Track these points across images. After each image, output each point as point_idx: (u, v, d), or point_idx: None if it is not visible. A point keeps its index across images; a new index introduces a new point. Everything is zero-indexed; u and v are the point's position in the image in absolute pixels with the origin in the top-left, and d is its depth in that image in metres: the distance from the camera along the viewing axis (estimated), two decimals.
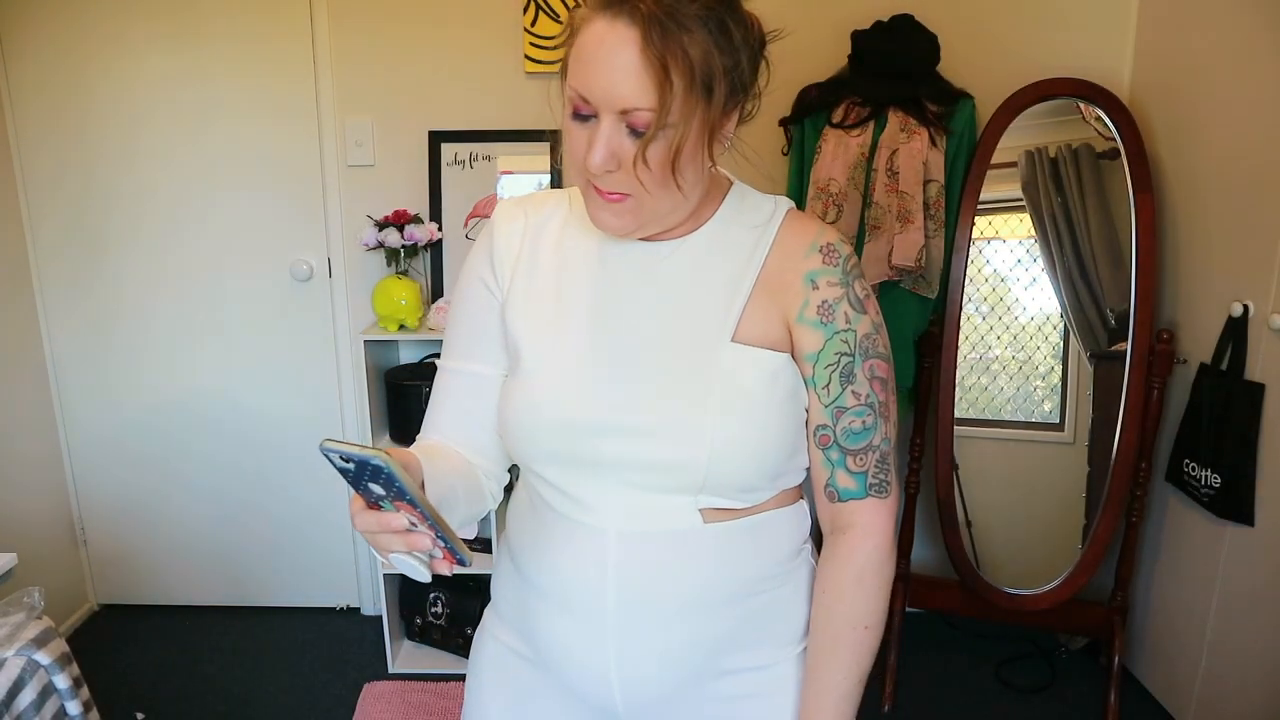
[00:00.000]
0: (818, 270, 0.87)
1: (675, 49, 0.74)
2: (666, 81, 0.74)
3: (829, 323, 0.86)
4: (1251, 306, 1.95)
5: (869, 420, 0.87)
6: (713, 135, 0.81)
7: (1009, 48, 2.40)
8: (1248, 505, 1.94)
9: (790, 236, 0.89)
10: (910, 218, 2.14)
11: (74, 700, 1.58)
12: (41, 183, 2.50)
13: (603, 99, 0.77)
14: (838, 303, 0.87)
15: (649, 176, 0.79)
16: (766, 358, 0.86)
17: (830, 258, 0.87)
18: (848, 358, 0.86)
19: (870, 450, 0.87)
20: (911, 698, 2.36)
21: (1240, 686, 2.01)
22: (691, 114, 0.77)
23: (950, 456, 2.32)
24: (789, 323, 0.88)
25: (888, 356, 0.89)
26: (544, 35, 2.39)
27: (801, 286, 0.87)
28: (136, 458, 2.68)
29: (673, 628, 0.89)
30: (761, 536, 0.91)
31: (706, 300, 0.88)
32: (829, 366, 0.86)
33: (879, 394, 0.87)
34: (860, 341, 0.87)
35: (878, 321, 0.89)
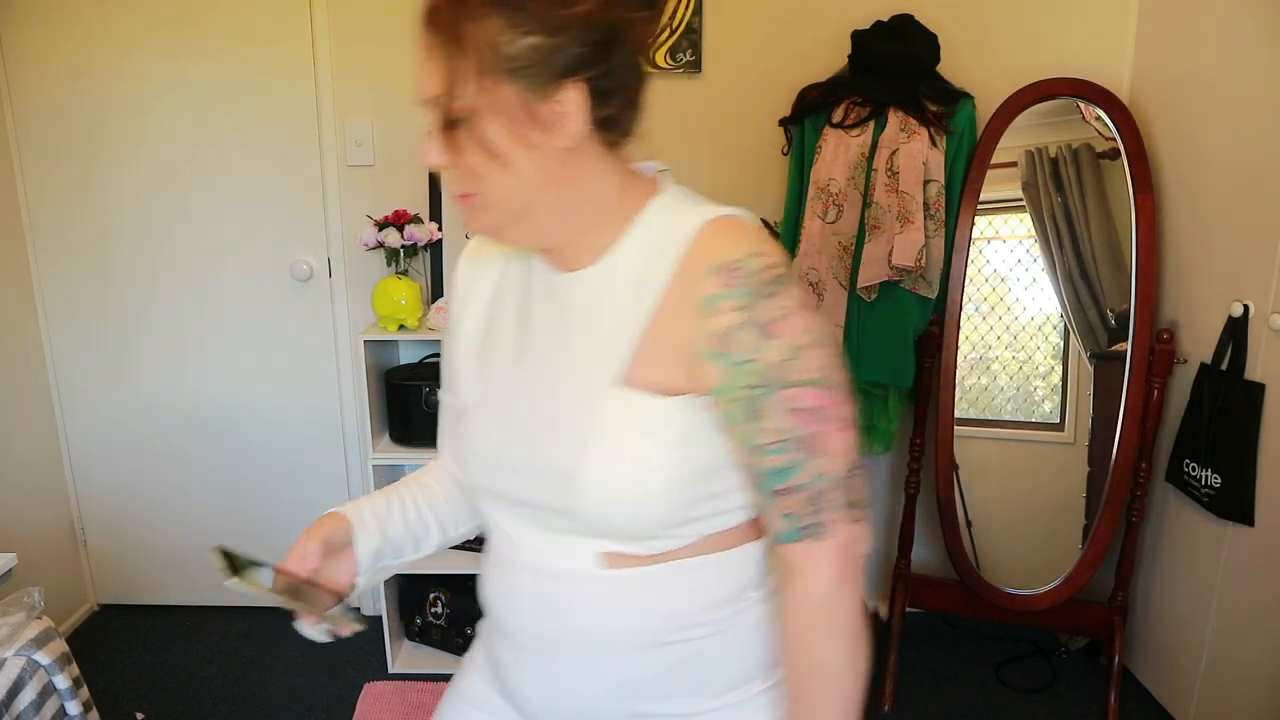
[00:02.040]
0: (714, 294, 0.76)
1: (457, 35, 0.75)
2: (447, 68, 0.75)
3: (727, 353, 0.76)
4: (1251, 306, 1.95)
5: (792, 457, 0.77)
6: (534, 121, 0.76)
7: (1009, 48, 2.40)
8: (1248, 505, 1.94)
9: (695, 257, 0.79)
10: (910, 218, 2.14)
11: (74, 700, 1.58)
12: (41, 183, 2.50)
13: (417, 93, 0.79)
14: (738, 330, 0.76)
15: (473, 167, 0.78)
16: (655, 405, 0.79)
17: (730, 278, 0.76)
18: (755, 390, 0.76)
19: (797, 490, 0.77)
20: (911, 698, 2.36)
21: (1240, 686, 2.01)
22: (489, 99, 0.75)
23: (950, 456, 2.32)
24: (690, 358, 0.79)
25: (819, 380, 0.76)
26: None
27: (698, 315, 0.77)
28: (136, 458, 2.68)
29: (580, 668, 0.87)
30: (679, 584, 0.85)
31: (598, 338, 0.82)
32: (734, 401, 0.77)
33: (804, 426, 0.76)
34: (768, 372, 0.76)
35: (799, 343, 0.76)
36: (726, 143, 2.49)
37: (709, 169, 2.51)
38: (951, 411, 2.31)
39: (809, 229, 2.27)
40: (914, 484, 2.41)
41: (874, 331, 2.26)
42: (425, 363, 2.50)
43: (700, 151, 2.50)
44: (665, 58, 2.42)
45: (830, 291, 2.25)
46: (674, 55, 2.42)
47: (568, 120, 0.77)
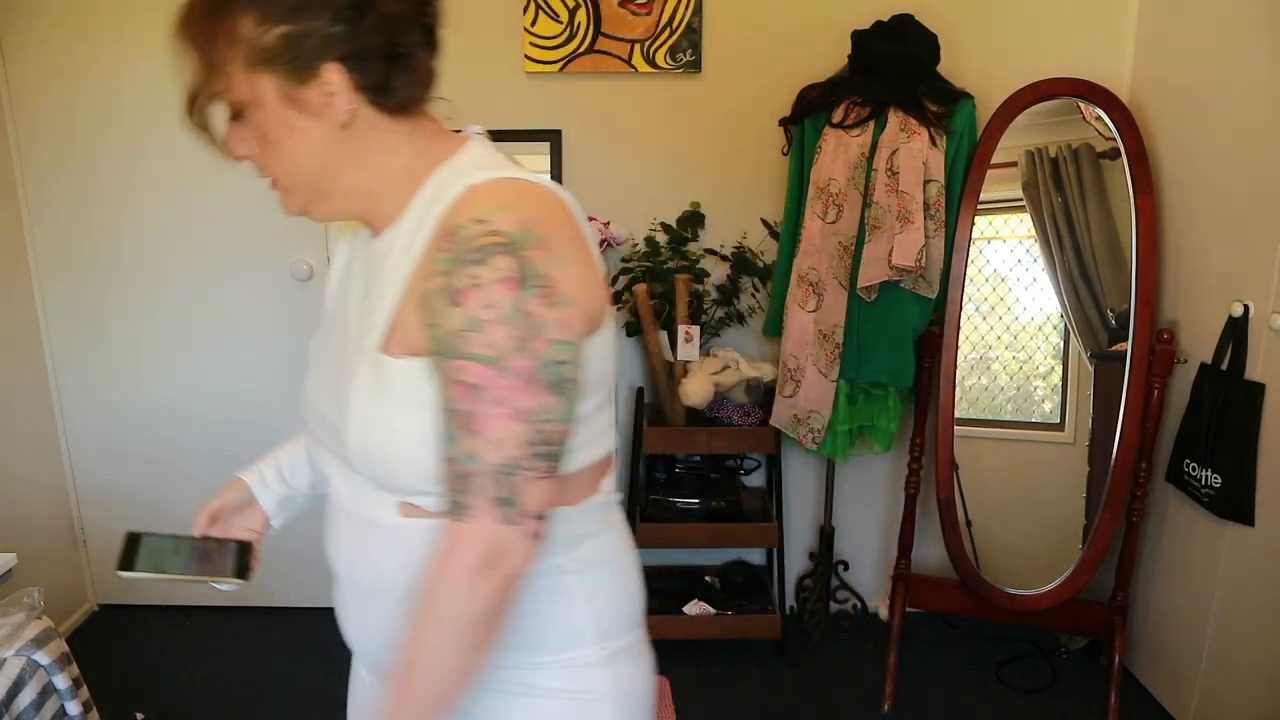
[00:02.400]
0: (435, 258, 0.77)
1: (214, 35, 0.78)
2: (214, 65, 0.79)
3: (425, 317, 0.77)
4: (1251, 306, 1.95)
5: (449, 427, 0.76)
6: (297, 105, 0.80)
7: (1009, 48, 2.40)
8: (1248, 505, 1.94)
9: (442, 221, 0.79)
10: (910, 218, 2.14)
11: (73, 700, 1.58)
12: (41, 183, 2.50)
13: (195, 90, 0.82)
14: (435, 295, 0.76)
15: (252, 153, 0.84)
16: (402, 368, 0.80)
17: (446, 242, 0.76)
18: (435, 356, 0.77)
19: (450, 462, 0.76)
20: (911, 698, 2.36)
21: (1240, 686, 2.01)
22: (251, 88, 0.79)
23: (950, 456, 2.32)
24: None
25: (488, 356, 0.73)
26: (544, 35, 2.39)
27: (423, 279, 0.79)
28: (136, 458, 2.68)
29: (386, 614, 0.89)
30: None
31: (374, 301, 0.85)
32: (430, 364, 0.78)
33: (462, 401, 0.74)
34: (444, 339, 0.75)
35: (482, 316, 0.73)
36: (726, 143, 2.49)
37: (709, 169, 2.51)
38: (951, 411, 2.31)
39: (809, 229, 2.27)
40: (914, 484, 2.41)
41: (874, 331, 2.26)
42: None
43: (700, 151, 2.50)
44: (665, 58, 2.42)
45: (830, 291, 2.25)
46: (674, 55, 2.42)
47: (335, 99, 0.80)
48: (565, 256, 0.78)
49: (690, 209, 2.51)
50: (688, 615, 2.50)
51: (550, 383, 0.76)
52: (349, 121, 0.82)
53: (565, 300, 0.77)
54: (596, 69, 2.42)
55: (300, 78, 0.79)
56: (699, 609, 2.52)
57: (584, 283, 0.80)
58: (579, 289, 0.79)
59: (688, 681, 2.43)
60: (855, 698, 2.36)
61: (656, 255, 2.44)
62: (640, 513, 2.51)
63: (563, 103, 2.46)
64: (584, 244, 0.83)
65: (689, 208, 2.51)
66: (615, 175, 2.51)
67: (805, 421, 2.32)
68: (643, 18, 2.39)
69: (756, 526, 2.47)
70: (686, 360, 2.40)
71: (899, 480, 2.56)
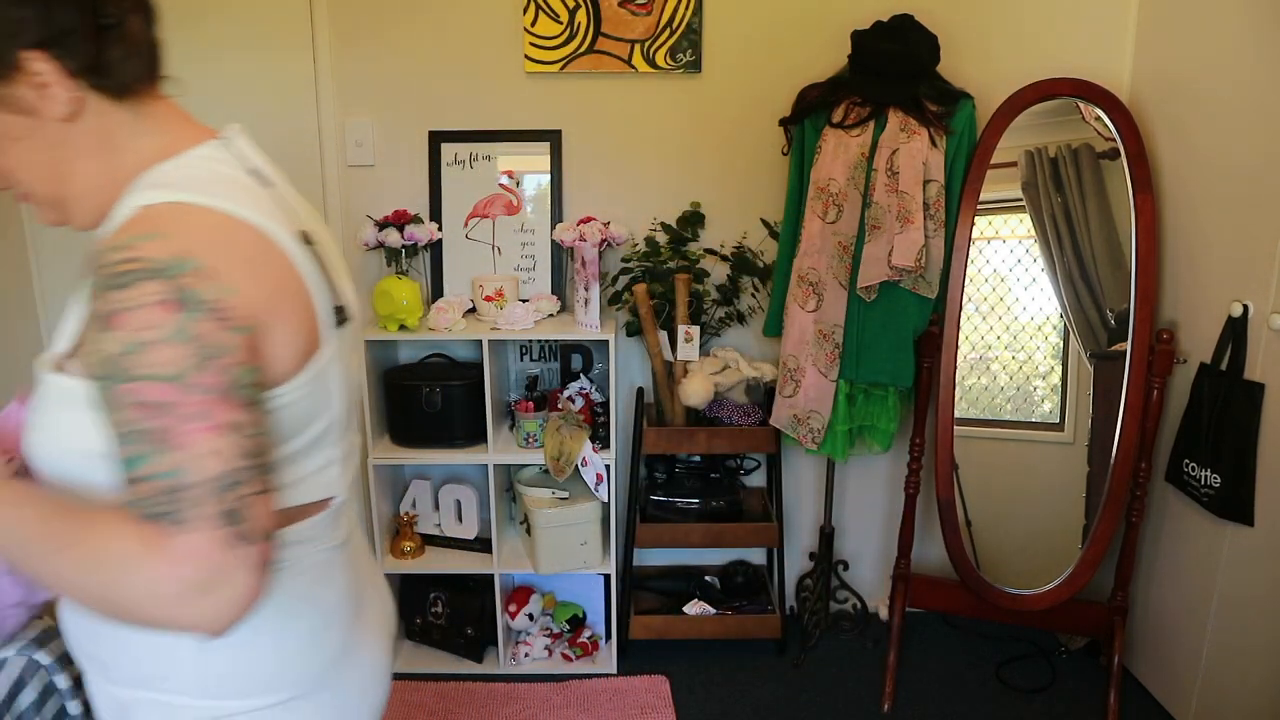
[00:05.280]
0: (85, 285, 0.73)
1: None
2: None
3: (82, 346, 0.74)
4: (1251, 306, 1.95)
5: (137, 449, 0.69)
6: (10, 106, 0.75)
7: (1009, 48, 2.40)
8: (1247, 505, 1.94)
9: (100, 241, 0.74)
10: (910, 218, 2.14)
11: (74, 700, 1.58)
12: None
13: None
14: (90, 320, 0.71)
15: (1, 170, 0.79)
16: (68, 386, 0.76)
17: (92, 267, 0.72)
18: (101, 382, 0.70)
19: (147, 479, 0.69)
20: (911, 698, 2.36)
21: (1240, 686, 2.01)
22: None
23: (950, 456, 2.32)
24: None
25: (166, 375, 0.69)
26: (544, 35, 2.39)
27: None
28: None
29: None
30: None
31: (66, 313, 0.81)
32: (94, 392, 0.72)
33: (150, 420, 0.69)
34: (106, 364, 0.70)
35: (143, 339, 0.68)
36: (726, 143, 2.50)
37: (709, 169, 2.51)
38: (951, 411, 2.31)
39: (809, 229, 2.27)
40: (914, 484, 2.42)
41: (874, 331, 2.26)
42: (426, 363, 2.50)
43: (700, 151, 2.51)
44: (665, 58, 2.42)
45: (830, 291, 2.25)
46: (674, 55, 2.42)
47: (51, 90, 0.74)
48: (239, 288, 0.73)
49: (690, 209, 2.51)
50: (688, 615, 2.50)
51: (245, 401, 0.72)
52: (77, 112, 0.76)
53: (245, 328, 0.72)
54: (596, 69, 2.42)
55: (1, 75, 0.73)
56: (699, 609, 2.52)
57: (273, 314, 0.75)
58: (265, 319, 0.74)
59: (688, 681, 2.43)
60: (855, 698, 2.36)
61: (656, 255, 2.44)
62: (640, 513, 2.51)
63: (563, 103, 2.46)
64: (280, 277, 0.77)
65: (689, 208, 2.51)
66: (615, 175, 2.52)
67: (805, 421, 2.32)
68: (643, 18, 2.39)
69: (756, 526, 2.47)
70: (686, 360, 2.40)
71: (899, 480, 2.56)
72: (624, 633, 2.49)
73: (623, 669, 2.47)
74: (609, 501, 2.36)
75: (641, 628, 2.47)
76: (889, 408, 2.35)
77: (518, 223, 2.51)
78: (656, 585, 2.66)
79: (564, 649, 2.51)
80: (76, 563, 0.71)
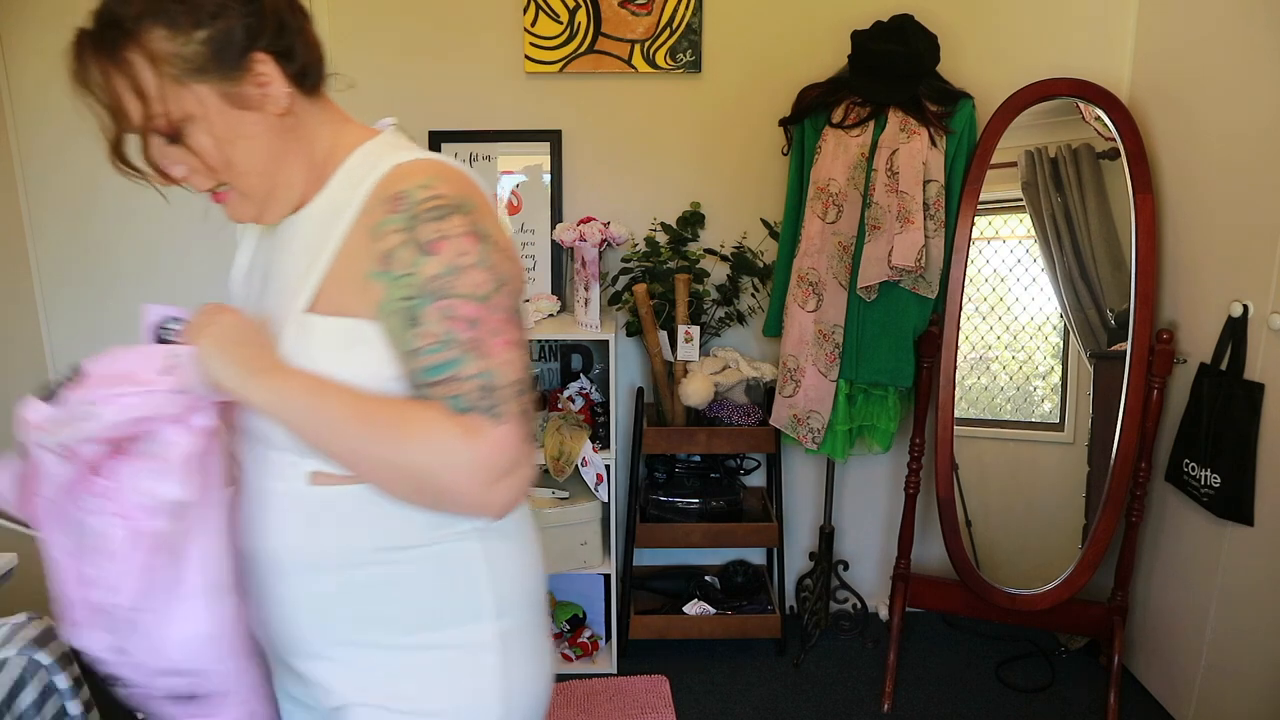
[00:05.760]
0: (381, 221, 0.83)
1: (130, 61, 0.77)
2: (136, 93, 0.78)
3: (389, 270, 0.82)
4: (1251, 306, 1.95)
5: (450, 355, 0.80)
6: (241, 103, 0.82)
7: (1009, 48, 2.40)
8: (1247, 505, 1.94)
9: (376, 193, 0.84)
10: (910, 218, 2.14)
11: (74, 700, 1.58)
12: (42, 182, 2.50)
13: (112, 133, 0.83)
14: (397, 250, 0.82)
15: (209, 167, 0.84)
16: (335, 326, 0.84)
17: (395, 205, 0.82)
18: (412, 301, 0.81)
19: (456, 380, 0.81)
20: (911, 698, 2.36)
21: (1240, 686, 2.01)
22: (194, 101, 0.80)
23: (950, 456, 2.32)
24: (363, 281, 0.84)
25: (478, 295, 0.81)
26: (544, 35, 2.39)
27: (369, 240, 0.84)
28: None
29: (286, 593, 0.91)
30: (374, 506, 0.88)
31: (295, 272, 0.88)
32: (394, 314, 0.82)
33: (461, 332, 0.81)
34: (425, 284, 0.81)
35: (459, 263, 0.81)
36: (726, 143, 2.50)
37: (709, 169, 2.51)
38: (951, 411, 2.31)
39: (809, 229, 2.27)
40: (914, 484, 2.42)
41: (874, 331, 2.26)
42: None
43: (700, 151, 2.51)
44: (665, 58, 2.42)
45: (830, 291, 2.25)
46: (674, 55, 2.42)
47: (271, 88, 0.83)
48: (496, 227, 0.86)
49: (690, 209, 2.51)
50: (688, 615, 2.50)
51: (520, 324, 0.85)
52: (290, 109, 0.85)
53: (513, 259, 0.87)
54: (596, 69, 2.42)
55: (233, 77, 0.80)
56: (699, 609, 2.52)
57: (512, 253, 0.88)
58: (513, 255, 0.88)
59: (688, 681, 2.43)
60: (855, 698, 2.36)
61: (656, 255, 2.44)
62: (640, 513, 2.51)
63: (563, 103, 2.46)
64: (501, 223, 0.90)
65: (689, 208, 2.51)
66: (615, 175, 2.52)
67: (805, 421, 2.32)
68: (643, 18, 2.39)
69: (756, 526, 2.47)
70: (686, 360, 2.40)
71: (899, 480, 2.56)
72: (624, 633, 2.49)
73: (623, 669, 2.47)
74: (609, 501, 2.36)
75: (641, 628, 2.47)
76: (889, 408, 2.35)
77: (518, 223, 2.51)
78: (656, 585, 2.66)
79: (564, 649, 2.51)
80: (392, 443, 0.81)
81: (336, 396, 0.82)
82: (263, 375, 0.83)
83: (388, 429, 0.81)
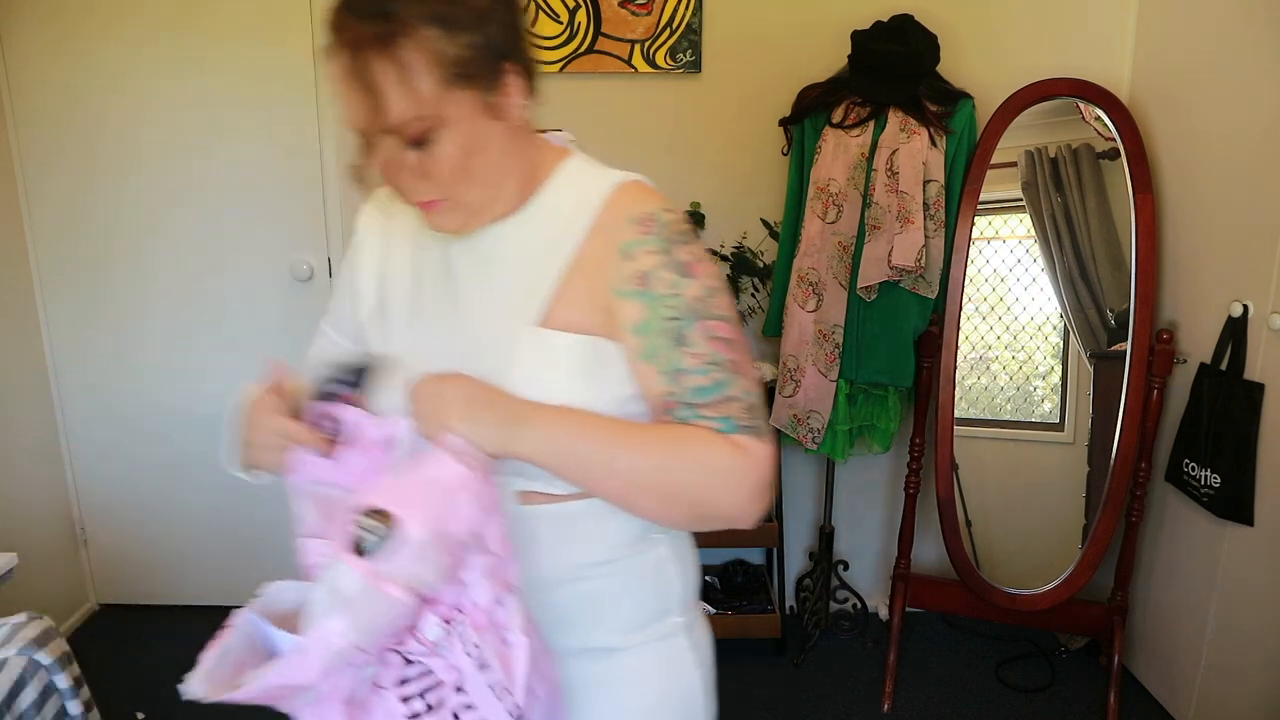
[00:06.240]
0: (632, 241, 0.84)
1: (406, 60, 0.74)
2: (410, 93, 0.75)
3: (648, 290, 0.83)
4: (1251, 306, 1.95)
5: (717, 376, 0.83)
6: (494, 113, 0.80)
7: (1009, 48, 2.40)
8: (1247, 505, 1.94)
9: (611, 212, 0.86)
10: (910, 218, 2.14)
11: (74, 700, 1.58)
12: (41, 182, 2.50)
13: (365, 126, 0.78)
14: (657, 271, 0.83)
15: (446, 177, 0.80)
16: (573, 343, 0.84)
17: (646, 227, 0.84)
18: (677, 322, 0.83)
19: (728, 401, 0.83)
20: (911, 698, 2.36)
21: (1240, 686, 2.01)
22: (455, 110, 0.77)
23: (950, 456, 2.32)
24: (609, 299, 0.84)
25: (729, 317, 0.85)
26: (544, 35, 2.39)
27: (617, 259, 0.84)
28: (137, 458, 2.68)
29: None
30: (585, 522, 0.88)
31: (516, 282, 0.86)
32: (658, 334, 0.83)
33: (723, 352, 0.83)
34: (690, 305, 0.83)
35: (712, 285, 0.85)
36: (726, 143, 2.50)
37: (709, 169, 2.51)
38: (951, 411, 2.31)
39: (809, 229, 2.27)
40: (914, 484, 2.42)
41: (874, 331, 2.26)
42: None
43: (700, 151, 2.50)
44: (665, 58, 2.42)
45: (830, 291, 2.25)
46: (674, 55, 2.42)
47: (513, 101, 0.82)
48: None
49: (690, 209, 2.51)
50: None
51: None
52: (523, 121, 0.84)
53: None
54: (596, 69, 2.42)
55: (491, 85, 0.79)
56: None
57: None
58: None
59: None
60: (855, 698, 2.36)
61: None
62: None
63: (563, 103, 2.46)
64: None
65: (689, 208, 2.51)
66: None
67: (805, 421, 2.32)
68: (643, 18, 2.39)
69: (756, 526, 2.47)
70: None
71: (899, 480, 2.56)
72: None
73: None
74: None
75: None
76: (889, 408, 2.35)
77: None
78: None
79: None
80: (668, 471, 0.82)
81: (603, 429, 0.82)
82: (524, 425, 0.79)
83: (662, 457, 0.82)
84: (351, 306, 0.99)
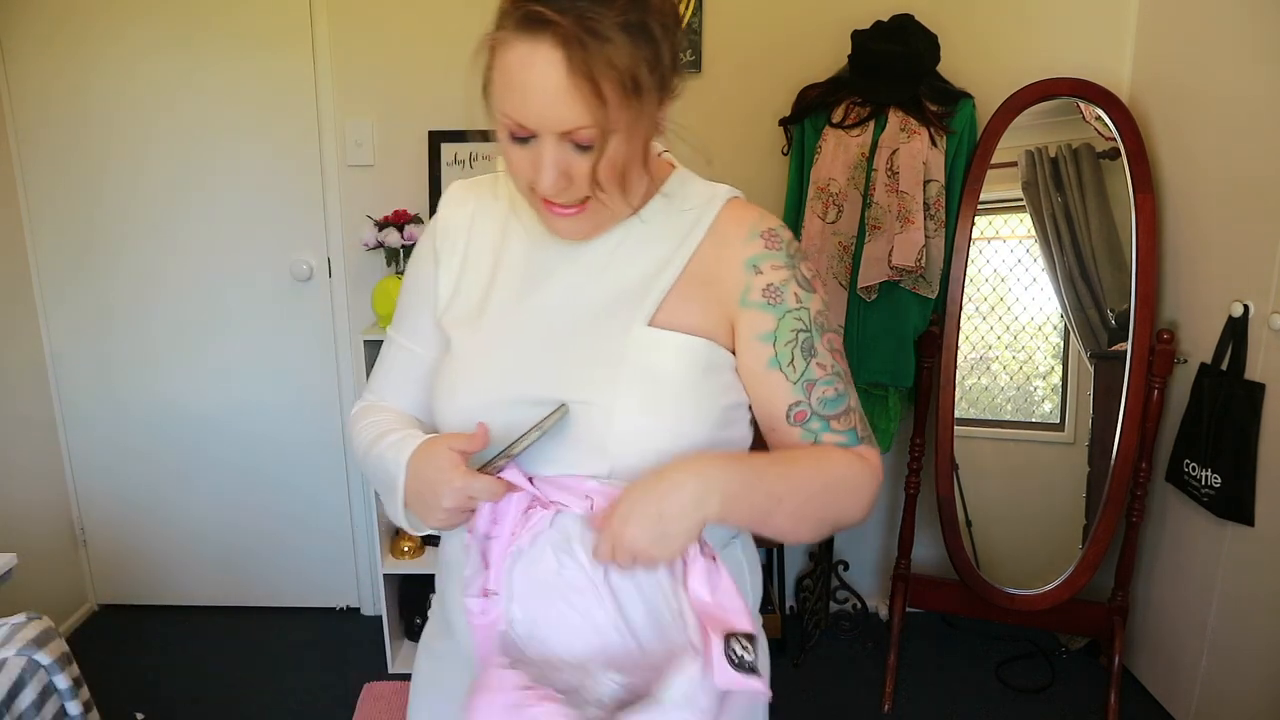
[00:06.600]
0: (759, 255, 0.88)
1: (602, 64, 0.73)
2: (600, 98, 0.74)
3: (779, 303, 0.87)
4: (1251, 306, 1.95)
5: (840, 387, 0.88)
6: (657, 127, 0.83)
7: (1009, 48, 2.40)
8: (1248, 505, 1.94)
9: (728, 224, 0.90)
10: (910, 218, 2.14)
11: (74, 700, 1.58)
12: (41, 182, 2.50)
13: (539, 124, 0.77)
14: (786, 284, 0.87)
15: (603, 183, 0.80)
16: (686, 343, 0.86)
17: (772, 242, 0.88)
18: (805, 334, 0.87)
19: (850, 412, 0.89)
20: (911, 698, 2.36)
21: (1240, 686, 2.01)
22: (631, 119, 0.77)
23: (950, 456, 2.32)
24: (730, 308, 0.88)
25: (840, 330, 0.91)
26: None
27: (742, 272, 0.87)
28: (136, 458, 2.68)
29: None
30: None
31: (627, 283, 0.88)
32: (788, 344, 0.87)
33: (841, 364, 0.89)
34: (815, 318, 0.88)
35: (827, 299, 0.91)
36: (726, 143, 2.49)
37: (709, 169, 2.51)
38: (951, 411, 2.31)
39: (809, 229, 2.27)
40: (914, 484, 2.41)
41: (874, 331, 2.26)
42: None
43: (700, 151, 2.50)
44: None
45: (830, 291, 2.25)
46: None
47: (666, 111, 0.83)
48: None
49: None
50: None
51: None
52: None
53: None
54: None
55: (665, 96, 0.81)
56: None
57: None
58: None
59: None
60: (855, 698, 2.36)
61: None
62: None
63: None
64: None
65: None
66: None
67: None
68: None
69: None
70: None
71: (899, 480, 2.56)
72: None
73: None
74: None
75: None
76: (889, 408, 2.35)
77: None
78: None
79: None
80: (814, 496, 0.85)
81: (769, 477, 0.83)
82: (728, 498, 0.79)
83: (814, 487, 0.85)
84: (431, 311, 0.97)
